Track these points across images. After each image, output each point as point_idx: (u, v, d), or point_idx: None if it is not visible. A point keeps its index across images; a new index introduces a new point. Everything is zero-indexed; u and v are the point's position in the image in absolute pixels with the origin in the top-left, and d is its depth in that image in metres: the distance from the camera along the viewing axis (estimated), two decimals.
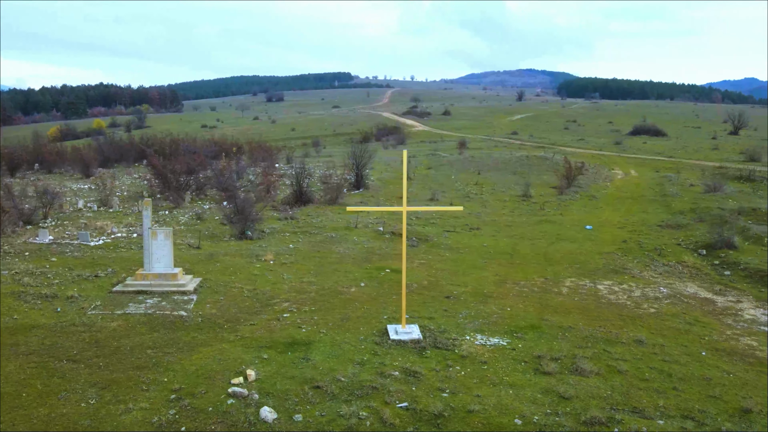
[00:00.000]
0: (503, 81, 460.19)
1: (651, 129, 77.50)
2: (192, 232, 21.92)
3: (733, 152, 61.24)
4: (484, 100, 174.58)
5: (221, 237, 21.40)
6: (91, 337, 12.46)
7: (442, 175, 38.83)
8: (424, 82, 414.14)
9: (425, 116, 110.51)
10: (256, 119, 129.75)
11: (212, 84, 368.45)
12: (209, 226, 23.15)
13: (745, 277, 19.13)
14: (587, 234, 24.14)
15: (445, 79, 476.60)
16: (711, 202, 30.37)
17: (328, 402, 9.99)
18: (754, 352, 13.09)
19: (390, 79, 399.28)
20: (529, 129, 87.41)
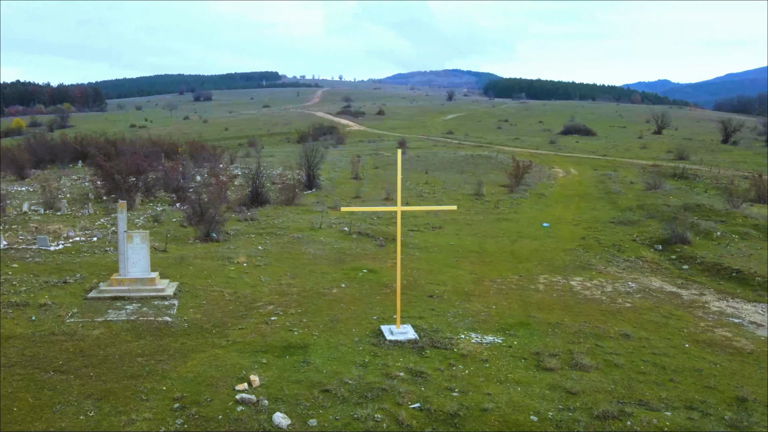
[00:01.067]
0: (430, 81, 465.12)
1: (581, 128, 79.78)
2: (153, 235, 21.23)
3: (660, 151, 63.67)
4: (414, 100, 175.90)
5: (185, 239, 20.81)
6: (75, 346, 11.92)
7: (390, 174, 38.89)
8: (352, 81, 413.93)
9: (359, 116, 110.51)
10: (187, 119, 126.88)
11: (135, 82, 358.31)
12: (169, 228, 22.48)
13: (702, 270, 19.90)
14: (546, 231, 24.65)
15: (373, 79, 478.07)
16: (654, 199, 31.47)
17: (340, 405, 9.87)
18: (731, 342, 13.62)
19: (318, 79, 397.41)
20: (463, 128, 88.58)
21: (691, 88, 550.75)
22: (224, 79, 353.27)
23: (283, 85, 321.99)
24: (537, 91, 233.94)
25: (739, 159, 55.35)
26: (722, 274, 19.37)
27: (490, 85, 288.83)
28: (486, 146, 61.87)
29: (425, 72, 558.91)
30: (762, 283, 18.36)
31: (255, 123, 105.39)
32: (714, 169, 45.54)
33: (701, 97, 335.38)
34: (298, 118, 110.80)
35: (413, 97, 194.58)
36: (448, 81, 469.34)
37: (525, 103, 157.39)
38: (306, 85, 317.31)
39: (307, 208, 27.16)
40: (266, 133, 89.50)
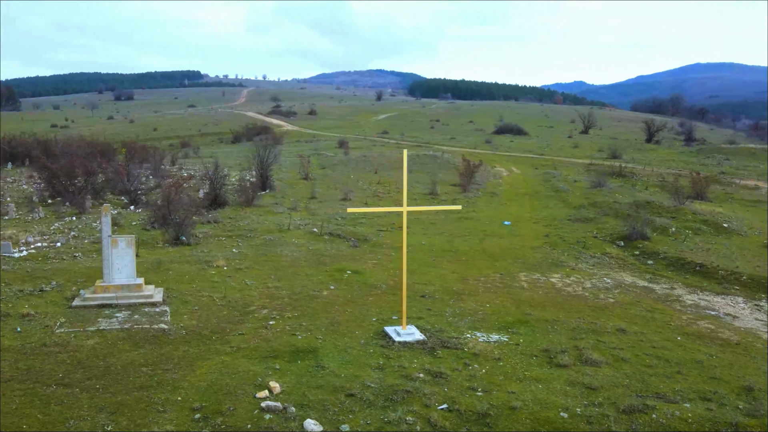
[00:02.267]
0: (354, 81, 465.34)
1: (514, 128, 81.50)
2: None
3: (592, 150, 65.77)
4: (342, 100, 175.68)
5: (153, 243, 20.11)
6: (71, 357, 11.34)
7: (339, 174, 38.72)
8: (277, 81, 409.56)
9: (291, 116, 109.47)
10: (111, 118, 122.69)
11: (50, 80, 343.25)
12: (132, 232, 21.65)
13: (667, 265, 20.63)
14: (508, 229, 25.04)
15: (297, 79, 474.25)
16: (602, 197, 32.45)
17: (368, 409, 9.74)
18: (716, 334, 14.17)
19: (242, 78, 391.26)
20: (397, 128, 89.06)
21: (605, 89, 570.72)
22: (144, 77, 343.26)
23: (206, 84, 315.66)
24: (462, 91, 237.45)
25: (667, 157, 57.73)
26: (686, 269, 20.13)
27: (414, 85, 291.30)
28: (425, 146, 62.37)
29: (349, 72, 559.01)
30: (726, 276, 19.19)
31: (184, 123, 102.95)
32: (647, 168, 47.32)
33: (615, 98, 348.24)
34: (229, 119, 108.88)
35: (341, 97, 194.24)
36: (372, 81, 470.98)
37: (453, 103, 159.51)
38: (230, 84, 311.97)
39: (267, 209, 26.70)
40: (197, 133, 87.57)
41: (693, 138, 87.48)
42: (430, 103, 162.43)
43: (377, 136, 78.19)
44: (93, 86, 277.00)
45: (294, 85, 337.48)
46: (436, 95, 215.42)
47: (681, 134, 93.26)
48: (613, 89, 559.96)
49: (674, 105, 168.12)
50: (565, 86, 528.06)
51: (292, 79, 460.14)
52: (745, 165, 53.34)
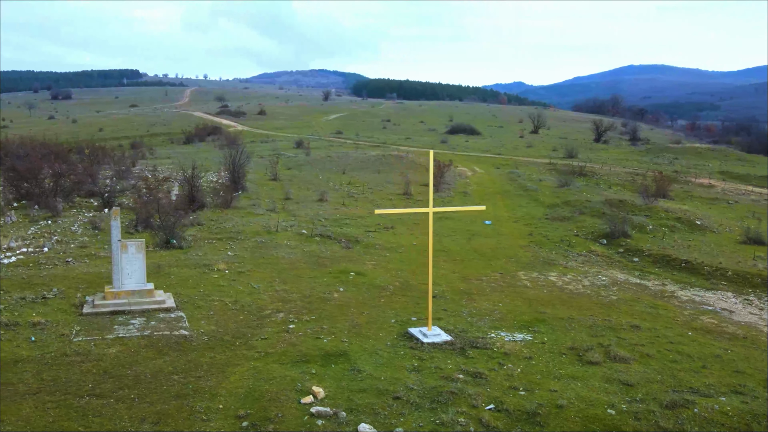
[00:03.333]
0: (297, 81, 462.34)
1: (467, 128, 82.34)
2: (102, 243, 19.82)
3: (546, 149, 67.01)
4: (289, 100, 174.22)
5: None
6: (95, 366, 10.94)
7: (308, 175, 38.42)
8: (219, 81, 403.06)
9: (241, 116, 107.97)
10: (53, 118, 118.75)
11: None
12: None
13: (652, 262, 21.16)
14: (492, 229, 25.28)
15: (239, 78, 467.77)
16: (571, 196, 33.09)
17: (416, 412, 9.69)
18: (722, 329, 14.60)
19: (183, 78, 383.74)
20: (350, 128, 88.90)
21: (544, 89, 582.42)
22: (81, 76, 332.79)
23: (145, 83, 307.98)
24: (407, 91, 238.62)
25: (620, 157, 59.21)
26: (672, 265, 20.69)
27: (359, 85, 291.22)
28: (382, 146, 62.45)
29: (292, 72, 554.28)
30: (712, 273, 19.80)
31: (130, 123, 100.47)
32: (605, 167, 48.45)
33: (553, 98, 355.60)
34: (176, 119, 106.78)
35: (286, 97, 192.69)
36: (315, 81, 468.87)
37: (401, 104, 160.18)
38: (171, 83, 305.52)
39: (246, 210, 26.28)
40: (146, 133, 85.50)
41: (638, 138, 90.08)
42: (379, 103, 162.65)
43: (332, 136, 77.89)
44: (27, 85, 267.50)
45: (236, 85, 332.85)
46: (382, 95, 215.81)
47: (625, 134, 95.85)
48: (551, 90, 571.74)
49: (614, 105, 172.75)
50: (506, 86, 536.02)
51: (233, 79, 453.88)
52: (695, 164, 55.19)
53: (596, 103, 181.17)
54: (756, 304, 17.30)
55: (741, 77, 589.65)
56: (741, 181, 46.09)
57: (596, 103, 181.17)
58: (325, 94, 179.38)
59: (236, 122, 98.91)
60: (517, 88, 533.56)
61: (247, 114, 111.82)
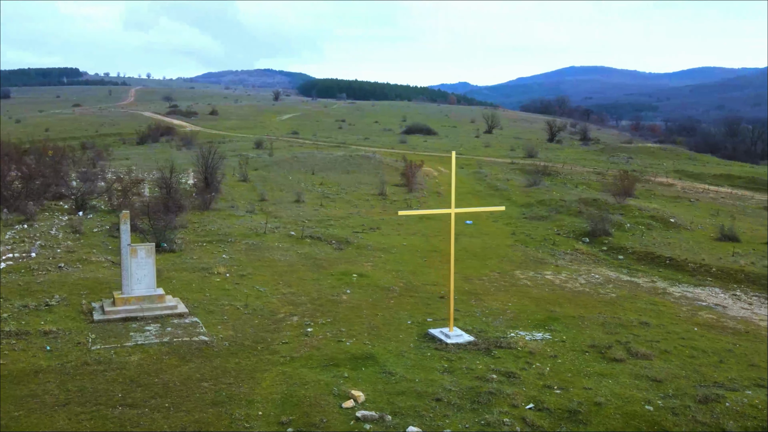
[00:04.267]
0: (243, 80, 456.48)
1: (423, 128, 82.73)
2: (89, 248, 19.22)
3: (503, 149, 67.84)
4: (238, 100, 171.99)
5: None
6: (120, 375, 10.61)
7: (276, 175, 37.99)
8: (163, 80, 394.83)
9: (192, 116, 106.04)
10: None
11: None
12: (100, 240, 20.42)
13: (637, 260, 21.64)
14: (475, 228, 25.45)
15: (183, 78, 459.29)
16: (544, 195, 33.59)
17: (460, 413, 9.71)
18: (722, 324, 15.02)
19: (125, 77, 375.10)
20: (306, 128, 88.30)
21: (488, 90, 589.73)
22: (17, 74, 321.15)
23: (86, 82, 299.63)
24: (356, 91, 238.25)
25: (577, 156, 60.34)
26: (657, 263, 21.20)
27: (307, 85, 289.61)
28: (342, 146, 62.25)
29: (237, 71, 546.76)
30: (696, 269, 20.36)
31: (77, 123, 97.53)
32: (566, 166, 49.30)
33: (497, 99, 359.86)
34: (125, 119, 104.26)
35: (235, 97, 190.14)
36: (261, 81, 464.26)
37: (354, 104, 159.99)
38: (113, 82, 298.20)
39: (226, 212, 25.83)
40: (95, 134, 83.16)
41: (588, 138, 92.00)
42: (331, 103, 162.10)
43: (288, 136, 77.20)
44: None
45: (181, 84, 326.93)
46: (331, 95, 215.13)
47: (575, 134, 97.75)
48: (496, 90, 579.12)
49: (561, 106, 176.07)
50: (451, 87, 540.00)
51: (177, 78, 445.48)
52: (650, 163, 56.66)
53: (543, 104, 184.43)
54: (744, 299, 17.84)
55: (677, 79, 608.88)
56: (696, 179, 47.50)
57: (543, 104, 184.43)
58: (275, 94, 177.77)
59: (188, 122, 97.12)
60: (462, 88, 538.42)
61: (198, 114, 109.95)
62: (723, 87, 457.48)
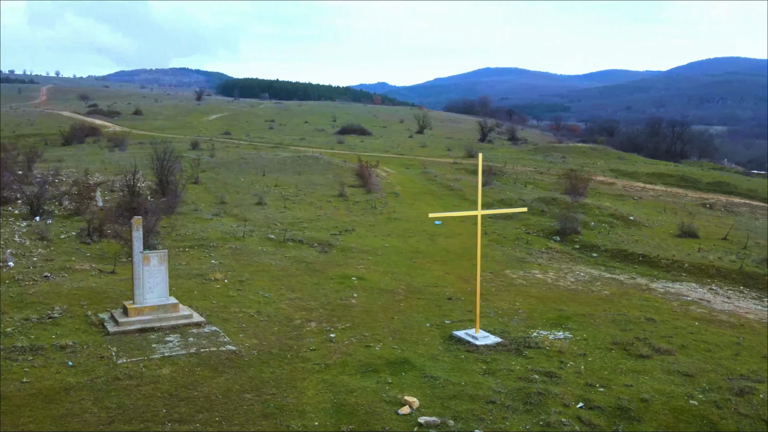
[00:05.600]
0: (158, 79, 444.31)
1: (357, 129, 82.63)
2: (66, 255, 18.23)
3: (440, 149, 68.57)
4: (159, 99, 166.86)
5: (113, 258, 18.15)
6: (156, 390, 10.14)
7: (227, 177, 37.07)
8: (74, 78, 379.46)
9: (115, 115, 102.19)
10: None
11: None
12: (73, 246, 19.39)
13: (611, 257, 22.28)
14: (446, 228, 25.57)
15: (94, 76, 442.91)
16: (500, 194, 34.15)
17: (516, 415, 9.78)
18: (715, 317, 15.66)
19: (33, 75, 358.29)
20: (237, 128, 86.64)
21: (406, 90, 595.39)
22: None
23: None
24: (278, 91, 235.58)
25: (513, 156, 61.54)
26: (630, 259, 21.88)
27: (227, 84, 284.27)
28: (281, 146, 61.47)
29: (151, 70, 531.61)
30: (670, 265, 21.14)
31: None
32: (508, 166, 50.24)
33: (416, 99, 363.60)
34: (42, 119, 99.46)
35: (154, 96, 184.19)
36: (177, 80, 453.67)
37: (280, 104, 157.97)
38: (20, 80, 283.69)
39: (192, 216, 25.01)
40: (12, 134, 79.05)
41: (516, 138, 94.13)
42: (257, 103, 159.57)
43: (221, 136, 75.53)
44: None
45: (94, 83, 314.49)
46: (253, 95, 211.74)
47: (503, 134, 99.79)
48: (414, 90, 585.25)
49: (483, 107, 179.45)
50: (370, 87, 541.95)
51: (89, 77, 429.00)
52: (583, 162, 58.45)
53: (466, 104, 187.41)
54: (722, 294, 18.64)
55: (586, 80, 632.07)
56: (631, 178, 49.33)
57: (466, 104, 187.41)
58: (198, 93, 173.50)
59: (112, 123, 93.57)
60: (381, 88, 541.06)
61: (122, 114, 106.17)
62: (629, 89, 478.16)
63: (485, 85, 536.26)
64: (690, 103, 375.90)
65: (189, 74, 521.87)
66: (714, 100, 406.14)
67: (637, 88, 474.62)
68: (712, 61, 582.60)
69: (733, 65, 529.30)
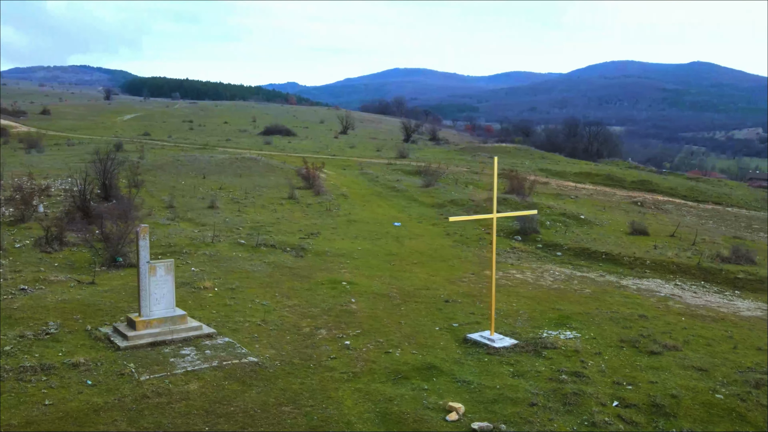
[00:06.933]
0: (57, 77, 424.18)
1: (282, 129, 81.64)
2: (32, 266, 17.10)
3: (369, 149, 68.72)
4: (63, 98, 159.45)
5: (83, 268, 17.18)
6: (189, 406, 9.72)
7: (167, 180, 35.76)
8: None
9: (21, 115, 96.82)
10: None
11: None
12: (34, 256, 18.19)
13: (575, 256, 22.87)
14: (407, 230, 25.60)
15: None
16: (447, 195, 34.51)
17: (558, 416, 9.94)
18: (695, 313, 16.32)
19: None
20: (155, 129, 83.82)
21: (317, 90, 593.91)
22: None
23: None
24: (188, 91, 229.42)
25: (442, 156, 62.21)
26: (594, 257, 22.53)
27: (135, 83, 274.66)
28: (209, 148, 59.97)
29: (49, 67, 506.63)
30: (632, 262, 21.91)
31: None
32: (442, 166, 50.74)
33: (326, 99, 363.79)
34: None
35: (57, 95, 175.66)
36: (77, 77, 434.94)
37: (196, 104, 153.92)
38: None
39: (151, 221, 23.88)
40: None
41: (437, 138, 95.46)
42: (172, 103, 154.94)
43: (138, 137, 72.82)
44: None
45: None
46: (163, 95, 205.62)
47: (423, 134, 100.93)
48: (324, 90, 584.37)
49: (398, 107, 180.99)
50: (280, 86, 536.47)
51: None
52: (512, 162, 59.77)
53: (382, 104, 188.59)
54: (688, 289, 19.47)
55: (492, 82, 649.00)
56: (560, 177, 50.87)
57: (382, 104, 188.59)
58: (106, 92, 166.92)
59: (18, 122, 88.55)
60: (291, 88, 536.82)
61: (28, 113, 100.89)
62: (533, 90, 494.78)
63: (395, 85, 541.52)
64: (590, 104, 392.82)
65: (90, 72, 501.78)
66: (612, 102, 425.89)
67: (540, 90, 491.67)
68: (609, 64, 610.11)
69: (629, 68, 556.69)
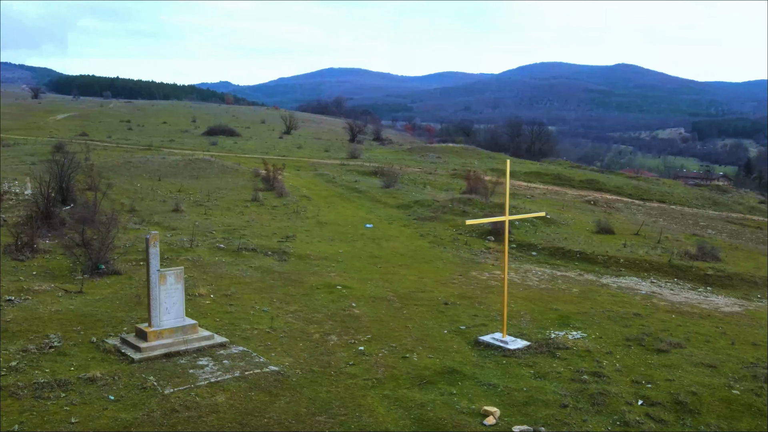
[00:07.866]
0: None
1: (225, 129, 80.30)
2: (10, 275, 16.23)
3: (316, 150, 68.28)
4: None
5: (65, 276, 16.43)
6: (221, 419, 9.44)
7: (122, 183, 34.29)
8: None
9: None
10: None
11: None
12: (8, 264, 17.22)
13: (550, 255, 23.23)
14: (380, 232, 25.52)
15: None
16: (410, 196, 34.59)
17: (588, 416, 10.09)
18: (681, 309, 16.85)
19: None
20: (93, 129, 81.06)
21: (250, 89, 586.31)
22: None
23: None
24: (120, 90, 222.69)
25: (392, 157, 62.52)
26: (569, 257, 22.94)
27: (61, 81, 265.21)
28: (153, 149, 58.51)
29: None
30: (606, 260, 22.41)
31: None
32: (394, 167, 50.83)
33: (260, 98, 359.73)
34: None
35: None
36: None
37: (131, 103, 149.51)
38: None
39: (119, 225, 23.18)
40: None
41: (381, 138, 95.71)
42: (106, 102, 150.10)
43: (77, 138, 70.27)
44: None
45: None
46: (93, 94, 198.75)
47: (367, 134, 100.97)
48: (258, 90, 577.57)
49: (338, 107, 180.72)
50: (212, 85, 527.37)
51: None
52: (461, 162, 60.49)
53: (320, 104, 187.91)
54: (665, 286, 20.06)
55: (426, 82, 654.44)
56: (511, 177, 51.45)
57: (320, 104, 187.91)
58: (34, 91, 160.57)
59: None
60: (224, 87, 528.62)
61: None
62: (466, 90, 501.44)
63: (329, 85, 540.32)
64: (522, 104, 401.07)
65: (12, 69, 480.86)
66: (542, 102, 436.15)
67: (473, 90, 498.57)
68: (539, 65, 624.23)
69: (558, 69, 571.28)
